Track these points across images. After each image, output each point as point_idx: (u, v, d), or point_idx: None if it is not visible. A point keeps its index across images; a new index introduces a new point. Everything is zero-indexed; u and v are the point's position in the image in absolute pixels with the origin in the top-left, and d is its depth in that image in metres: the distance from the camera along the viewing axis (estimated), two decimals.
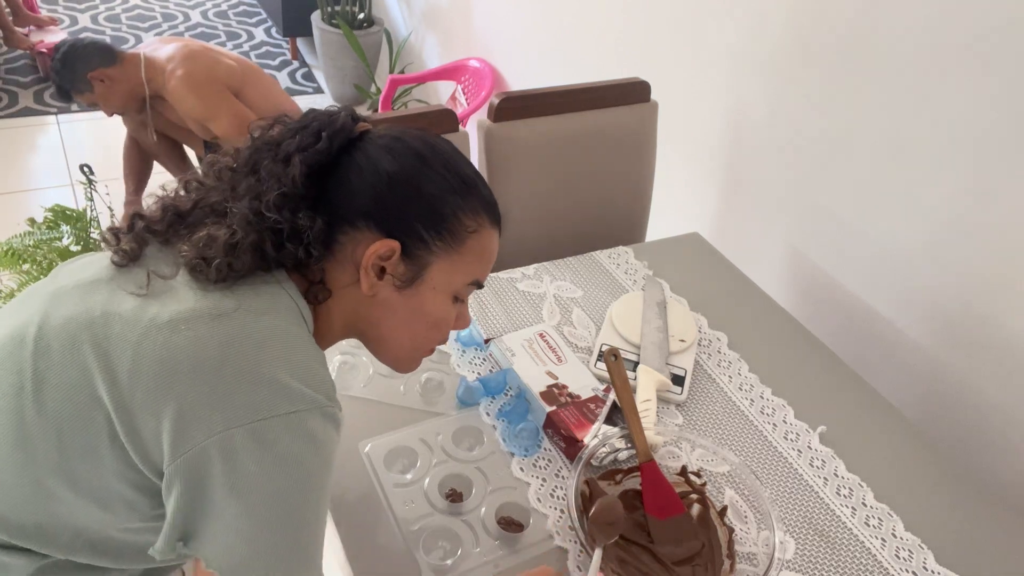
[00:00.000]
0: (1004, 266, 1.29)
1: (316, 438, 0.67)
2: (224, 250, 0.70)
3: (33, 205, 2.59)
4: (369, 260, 0.74)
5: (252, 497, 0.65)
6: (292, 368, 0.68)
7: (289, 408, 0.66)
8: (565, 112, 1.58)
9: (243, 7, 4.36)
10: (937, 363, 1.44)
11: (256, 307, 0.70)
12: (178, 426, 0.64)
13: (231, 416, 0.64)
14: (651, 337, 1.24)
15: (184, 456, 0.64)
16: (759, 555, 0.94)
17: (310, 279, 0.75)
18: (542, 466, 1.04)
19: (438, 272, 0.78)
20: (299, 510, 0.68)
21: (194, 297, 0.69)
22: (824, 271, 1.64)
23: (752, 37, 1.68)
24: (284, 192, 0.72)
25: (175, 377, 0.65)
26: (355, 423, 1.06)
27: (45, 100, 3.26)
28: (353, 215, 0.74)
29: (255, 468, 0.64)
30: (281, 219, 0.71)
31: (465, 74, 2.88)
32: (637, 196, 1.74)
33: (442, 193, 0.76)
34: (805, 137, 1.61)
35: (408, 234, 0.75)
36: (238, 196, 0.74)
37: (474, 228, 0.78)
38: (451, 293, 0.81)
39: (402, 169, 0.75)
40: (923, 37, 1.33)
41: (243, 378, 0.65)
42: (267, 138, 0.77)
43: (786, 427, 1.15)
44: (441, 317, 0.81)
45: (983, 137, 1.28)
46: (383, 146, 0.76)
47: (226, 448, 0.64)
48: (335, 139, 0.75)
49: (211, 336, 0.66)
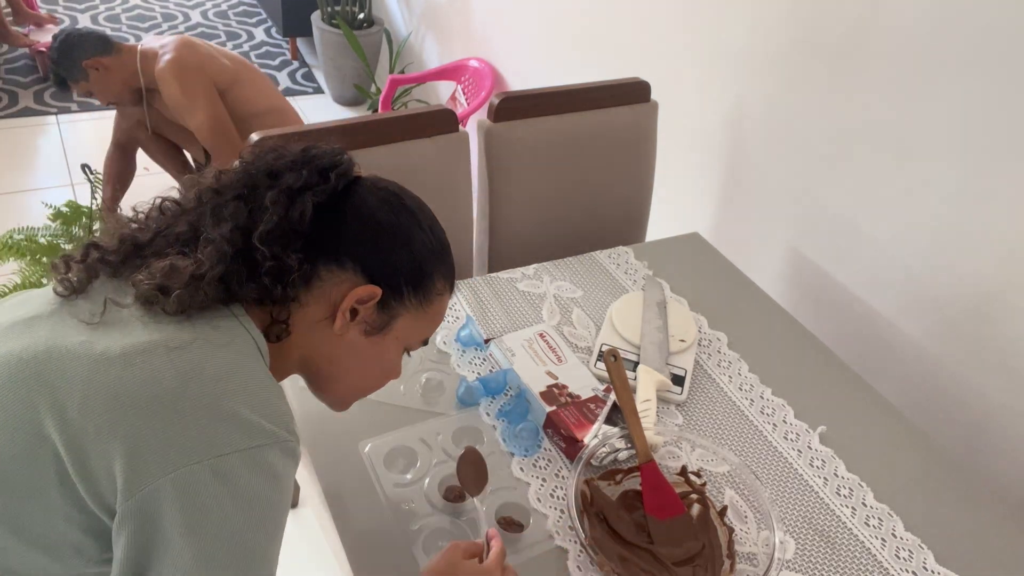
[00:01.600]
0: (1004, 266, 1.29)
1: (276, 473, 0.66)
2: (186, 281, 0.69)
3: (33, 205, 2.59)
4: (349, 302, 0.75)
5: (208, 536, 0.62)
6: (251, 402, 0.66)
7: (249, 443, 0.64)
8: (565, 112, 1.58)
9: (243, 7, 4.36)
10: (937, 363, 1.44)
11: (214, 340, 0.68)
12: (133, 463, 0.61)
13: (189, 452, 0.62)
14: (651, 337, 1.24)
15: (139, 494, 0.61)
16: (759, 555, 0.94)
17: (274, 316, 0.74)
18: (542, 466, 1.04)
19: (403, 325, 0.80)
20: (257, 548, 0.66)
21: (148, 329, 0.68)
22: (824, 271, 1.64)
23: (752, 37, 1.68)
24: (284, 227, 0.72)
25: (130, 412, 0.62)
26: (355, 423, 1.06)
27: (45, 100, 3.26)
28: (342, 255, 0.75)
29: (213, 505, 0.62)
30: (268, 253, 0.71)
31: (465, 74, 2.88)
32: (637, 196, 1.74)
33: (427, 254, 0.80)
34: (805, 137, 1.61)
35: (390, 285, 0.77)
36: (219, 221, 0.73)
37: (441, 291, 0.82)
38: (406, 346, 0.84)
39: (398, 224, 0.78)
40: (923, 37, 1.33)
41: (201, 413, 0.63)
42: (261, 166, 0.76)
43: (786, 427, 1.15)
44: (392, 367, 0.85)
45: (983, 137, 1.28)
46: (382, 198, 0.79)
47: (183, 485, 0.61)
48: (340, 181, 0.77)
49: (167, 369, 0.65)
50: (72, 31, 2.21)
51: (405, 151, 1.40)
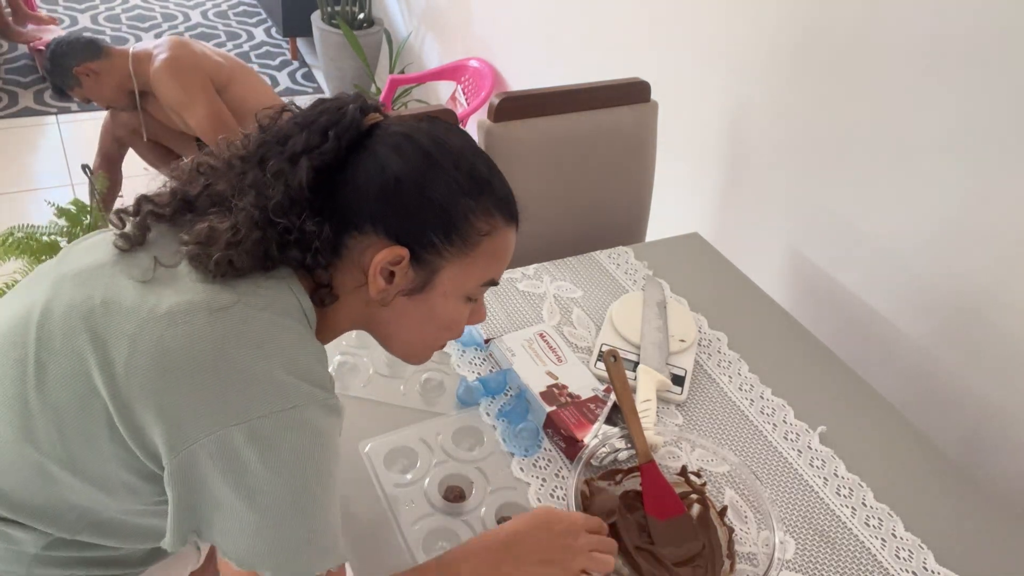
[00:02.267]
0: (1004, 266, 1.29)
1: (317, 430, 0.67)
2: (225, 245, 0.69)
3: (33, 205, 2.59)
4: (377, 267, 0.72)
5: (257, 494, 0.65)
6: (289, 365, 0.67)
7: (286, 404, 0.65)
8: (565, 112, 1.58)
9: (243, 7, 4.36)
10: (937, 363, 1.44)
11: (256, 303, 0.68)
12: (173, 424, 0.63)
13: (227, 415, 0.63)
14: (651, 337, 1.24)
15: (182, 454, 0.64)
16: (759, 555, 0.94)
17: (317, 281, 0.74)
18: (542, 466, 1.04)
19: (449, 277, 0.76)
20: (307, 502, 0.67)
21: (193, 289, 0.68)
22: (824, 271, 1.64)
23: (752, 37, 1.68)
24: (291, 195, 0.70)
25: (171, 373, 0.64)
26: (355, 423, 1.06)
27: (45, 100, 3.26)
28: (360, 220, 0.72)
29: (257, 466, 0.64)
30: (289, 224, 0.70)
31: (465, 74, 2.89)
32: (637, 196, 1.74)
33: (452, 196, 0.73)
34: (805, 137, 1.61)
35: (418, 240, 0.73)
36: (243, 190, 0.72)
37: (487, 231, 0.76)
38: (463, 295, 0.79)
39: (411, 171, 0.72)
40: (923, 37, 1.33)
41: (239, 376, 0.64)
42: (275, 129, 0.75)
43: (786, 427, 1.15)
44: (453, 319, 0.80)
45: (983, 137, 1.28)
46: (392, 145, 0.73)
47: (224, 447, 0.63)
48: (343, 138, 0.73)
49: (208, 331, 0.65)
50: (62, 39, 2.22)
51: None
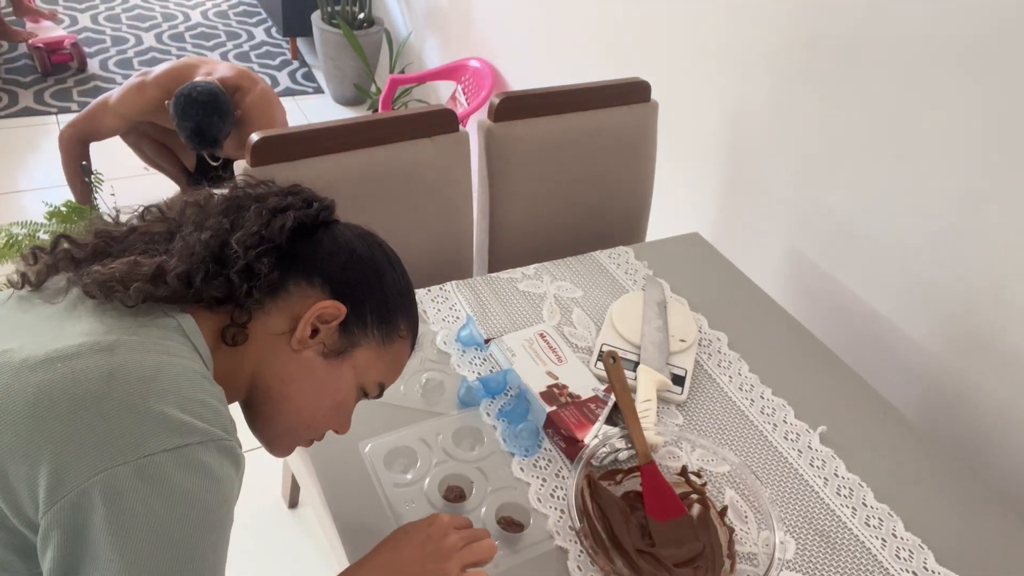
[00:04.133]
0: (1004, 266, 1.29)
1: (211, 472, 0.62)
2: (150, 274, 0.69)
3: (33, 205, 2.59)
4: (313, 314, 0.75)
5: (138, 543, 0.58)
6: (183, 402, 0.63)
7: (179, 442, 0.61)
8: (565, 112, 1.58)
9: (243, 7, 4.36)
10: (937, 363, 1.44)
11: (146, 340, 0.66)
12: (54, 470, 0.58)
13: (114, 453, 0.58)
14: (651, 337, 1.24)
15: (62, 501, 0.58)
16: (759, 555, 0.95)
17: (234, 319, 0.73)
18: (542, 466, 1.04)
19: (363, 356, 0.80)
20: (194, 552, 0.61)
21: (77, 331, 0.65)
22: (824, 271, 1.64)
23: (752, 37, 1.68)
24: (262, 235, 0.74)
25: (49, 417, 0.59)
26: (355, 423, 1.05)
27: (45, 100, 3.26)
28: (313, 272, 0.77)
29: (140, 509, 0.58)
30: (242, 255, 0.72)
31: (465, 74, 2.88)
32: (637, 196, 1.74)
33: (394, 294, 0.82)
34: (805, 137, 1.61)
35: (356, 310, 0.78)
36: (199, 230, 0.74)
37: (404, 335, 0.84)
38: (361, 384, 0.82)
39: (372, 257, 0.81)
40: (923, 37, 1.33)
41: (127, 413, 0.60)
42: (250, 191, 0.80)
43: (786, 427, 1.15)
44: (344, 402, 0.82)
45: (983, 137, 1.28)
46: (359, 234, 0.82)
47: (109, 489, 0.58)
48: (322, 212, 0.80)
49: (91, 371, 0.61)
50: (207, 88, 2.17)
51: (405, 151, 1.40)
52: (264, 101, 2.29)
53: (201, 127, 2.15)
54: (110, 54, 3.67)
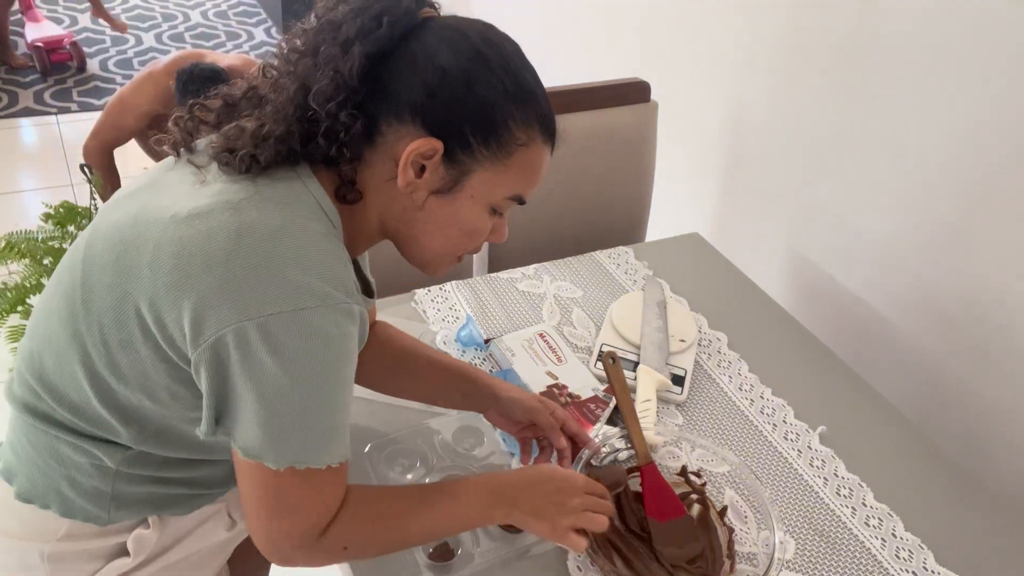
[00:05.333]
0: (1004, 266, 1.29)
1: (327, 334, 0.67)
2: (250, 142, 0.70)
3: (33, 205, 2.59)
4: (409, 156, 0.71)
5: (265, 387, 0.66)
6: (304, 263, 0.67)
7: (297, 304, 0.65)
8: (565, 112, 1.58)
9: (243, 7, 4.36)
10: (937, 363, 1.44)
11: (272, 199, 0.69)
12: (195, 317, 0.66)
13: (241, 310, 0.65)
14: (651, 337, 1.24)
15: (202, 346, 0.66)
16: (759, 555, 0.94)
17: (342, 177, 0.73)
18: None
19: (479, 181, 0.75)
20: (310, 399, 0.68)
21: (215, 190, 0.70)
22: (824, 271, 1.64)
23: (753, 37, 1.68)
24: (337, 82, 0.70)
25: (189, 269, 0.66)
26: (355, 423, 1.06)
27: (45, 100, 3.26)
28: (401, 108, 0.71)
29: (266, 360, 0.65)
30: (322, 112, 0.70)
31: None
32: (637, 196, 1.74)
33: (497, 99, 0.73)
34: (805, 137, 1.61)
35: (454, 136, 0.72)
36: (287, 81, 0.72)
37: (524, 141, 0.76)
38: (490, 204, 0.78)
39: (459, 67, 0.71)
40: (923, 37, 1.33)
41: (252, 272, 0.65)
42: (330, 17, 0.73)
43: (786, 427, 1.15)
44: (476, 227, 0.79)
45: (983, 137, 1.28)
46: (445, 39, 0.72)
47: (238, 340, 0.65)
48: (396, 26, 0.71)
49: (222, 228, 0.67)
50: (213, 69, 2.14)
51: None
52: None
53: None
54: (110, 54, 3.67)
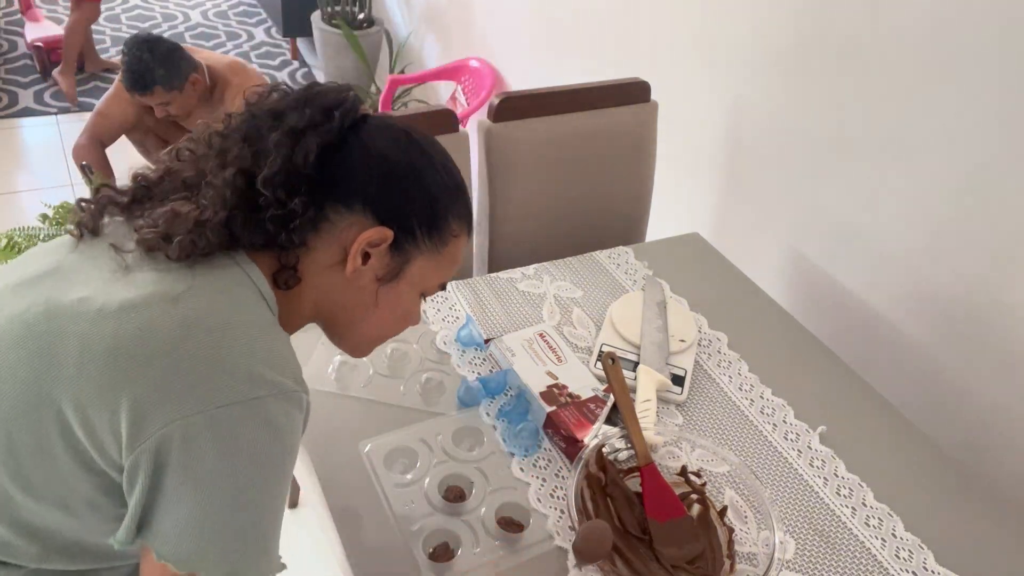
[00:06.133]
0: (1004, 265, 1.29)
1: (278, 425, 0.65)
2: (190, 227, 0.67)
3: (33, 205, 2.59)
4: (361, 244, 0.72)
5: (207, 487, 0.63)
6: (253, 352, 0.65)
7: (249, 394, 0.63)
8: (565, 112, 1.58)
9: (243, 7, 4.36)
10: (937, 363, 1.44)
11: (214, 289, 0.67)
12: (134, 416, 0.61)
13: (189, 403, 0.61)
14: (651, 337, 1.24)
15: (143, 445, 0.61)
16: (759, 555, 0.94)
17: (282, 262, 0.72)
18: (542, 466, 1.04)
19: (418, 269, 0.78)
20: (256, 500, 0.65)
21: (147, 280, 0.67)
22: (824, 271, 1.64)
23: (753, 37, 1.68)
24: (288, 169, 0.69)
25: (128, 366, 0.62)
26: (355, 423, 1.06)
27: (45, 100, 3.26)
28: (351, 197, 0.72)
29: (212, 456, 0.62)
30: (272, 197, 0.69)
31: (465, 74, 2.88)
32: (637, 196, 1.74)
33: (440, 193, 0.77)
34: (805, 137, 1.61)
35: (402, 226, 0.74)
36: (223, 165, 0.71)
37: (457, 232, 0.79)
38: (422, 290, 0.82)
39: (410, 162, 0.75)
40: (923, 37, 1.33)
41: (200, 364, 0.63)
42: (265, 105, 0.74)
43: (786, 427, 1.15)
44: (409, 311, 0.83)
45: (983, 137, 1.28)
46: (391, 135, 0.75)
47: (184, 436, 0.61)
48: (346, 119, 0.73)
49: (164, 321, 0.64)
50: (166, 39, 2.17)
51: None
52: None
53: (132, 62, 2.11)
54: (110, 54, 3.67)
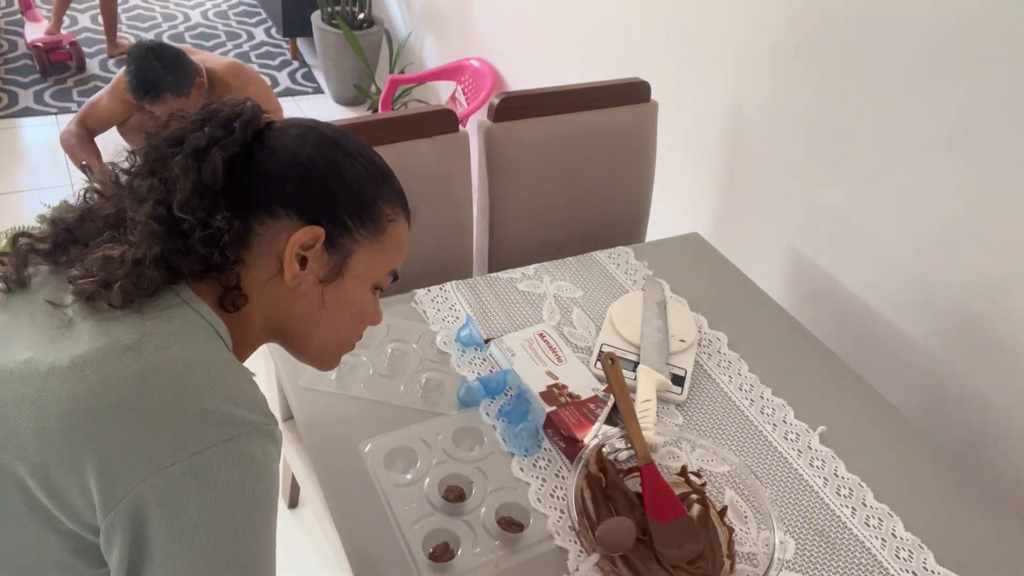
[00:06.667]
0: (1004, 265, 1.29)
1: (256, 462, 0.63)
2: (127, 270, 0.65)
3: (33, 205, 2.59)
4: (294, 247, 0.70)
5: (197, 539, 0.60)
6: (218, 392, 0.63)
7: (223, 436, 0.61)
8: (565, 112, 1.58)
9: (243, 7, 4.36)
10: (937, 363, 1.44)
11: (167, 331, 0.65)
12: (105, 477, 0.58)
13: (161, 456, 0.59)
14: (651, 337, 1.24)
15: (118, 506, 0.58)
16: (759, 555, 0.95)
17: (224, 284, 0.71)
18: (542, 466, 1.04)
19: (361, 262, 0.76)
20: (248, 540, 0.63)
21: (94, 332, 0.64)
22: (824, 271, 1.64)
23: (752, 37, 1.68)
24: (200, 189, 0.68)
25: (89, 426, 0.59)
26: (355, 423, 1.06)
27: (45, 100, 3.26)
28: (271, 203, 0.70)
29: (195, 507, 0.59)
30: (195, 220, 0.67)
31: (465, 74, 2.88)
32: (637, 196, 1.74)
33: (362, 180, 0.75)
34: (805, 137, 1.61)
35: (332, 221, 0.72)
36: (140, 200, 0.69)
37: (392, 217, 0.78)
38: (372, 282, 0.79)
39: (321, 155, 0.73)
40: (923, 37, 1.33)
41: (167, 412, 0.60)
42: (165, 135, 0.72)
43: (786, 427, 1.15)
44: (364, 308, 0.80)
45: (983, 137, 1.28)
46: (297, 135, 0.74)
47: (162, 490, 0.58)
48: (248, 128, 0.72)
49: (122, 373, 0.61)
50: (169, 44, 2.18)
51: (405, 151, 1.40)
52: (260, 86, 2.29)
53: (141, 70, 2.10)
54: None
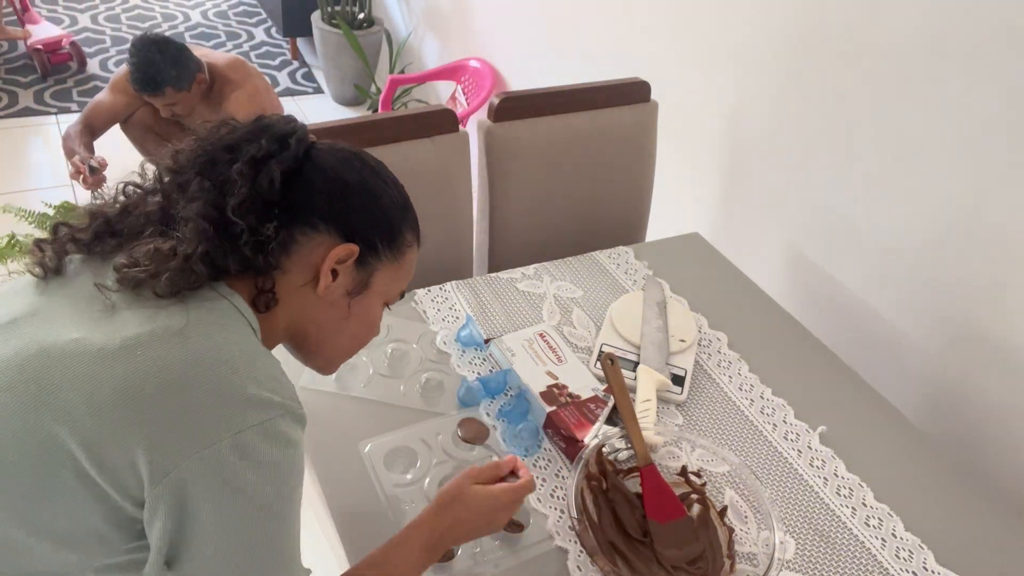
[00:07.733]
0: (1004, 265, 1.29)
1: (290, 440, 0.69)
2: (179, 263, 0.70)
3: (33, 205, 2.59)
4: (330, 263, 0.77)
5: (236, 510, 0.66)
6: (256, 378, 0.69)
7: (264, 416, 0.67)
8: (565, 112, 1.58)
9: (243, 7, 4.36)
10: (937, 363, 1.44)
11: (210, 322, 0.70)
12: (154, 452, 0.63)
13: (209, 433, 0.64)
14: (651, 337, 1.24)
15: (165, 480, 0.63)
16: (759, 555, 0.95)
17: (260, 286, 0.76)
18: (542, 466, 1.04)
19: (381, 280, 0.83)
20: (280, 517, 0.69)
21: (140, 318, 0.69)
22: (824, 271, 1.64)
23: (753, 37, 1.68)
24: (255, 197, 0.73)
25: (142, 404, 0.64)
26: (355, 423, 1.06)
27: (45, 100, 3.26)
28: (316, 218, 0.76)
29: (237, 481, 0.65)
30: (245, 225, 0.72)
31: (465, 74, 2.88)
32: (637, 196, 1.74)
33: (393, 208, 0.82)
34: (805, 137, 1.61)
35: (365, 241, 0.79)
36: (190, 199, 0.73)
37: (411, 243, 0.85)
38: (386, 299, 0.87)
39: (364, 180, 0.80)
40: (924, 38, 1.33)
41: (212, 395, 0.65)
42: (216, 140, 0.77)
43: (786, 427, 1.15)
44: (376, 321, 0.88)
45: (984, 137, 1.28)
46: (343, 158, 0.81)
47: (208, 465, 0.64)
48: (301, 145, 0.78)
49: (171, 357, 0.66)
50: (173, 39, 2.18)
51: (405, 151, 1.40)
52: (252, 102, 2.26)
53: (143, 63, 2.10)
54: (110, 54, 3.67)
